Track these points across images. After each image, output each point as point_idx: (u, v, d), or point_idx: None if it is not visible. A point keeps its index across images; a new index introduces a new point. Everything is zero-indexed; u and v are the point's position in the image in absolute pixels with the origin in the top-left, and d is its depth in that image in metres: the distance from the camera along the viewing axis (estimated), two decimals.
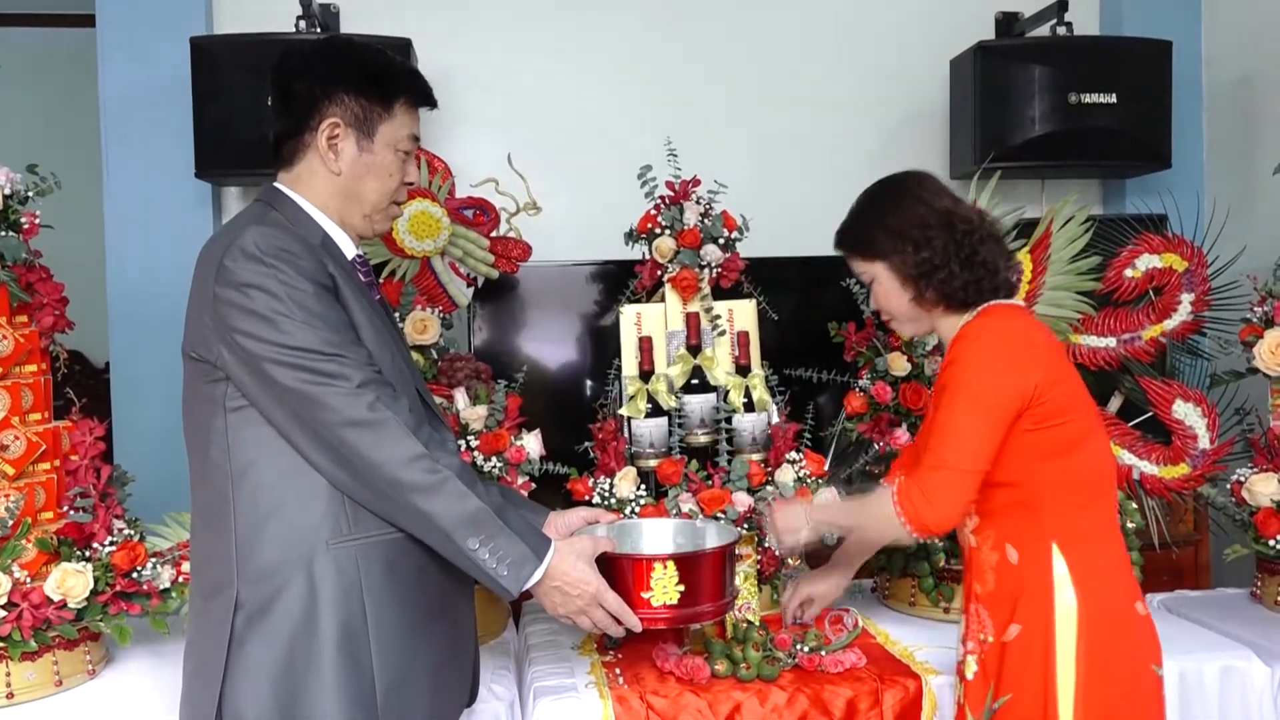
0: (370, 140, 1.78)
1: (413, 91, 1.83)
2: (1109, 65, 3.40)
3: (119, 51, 3.34)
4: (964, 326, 1.91)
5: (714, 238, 2.55)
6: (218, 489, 1.68)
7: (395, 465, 1.62)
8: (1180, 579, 3.30)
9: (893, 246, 1.92)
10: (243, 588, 1.65)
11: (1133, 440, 2.60)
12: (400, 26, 3.25)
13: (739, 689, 2.08)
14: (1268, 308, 2.57)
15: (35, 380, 2.24)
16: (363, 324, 1.72)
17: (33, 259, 2.24)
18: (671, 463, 2.43)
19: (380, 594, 1.67)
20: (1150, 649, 1.85)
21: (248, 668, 1.63)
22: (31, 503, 2.17)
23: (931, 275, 1.90)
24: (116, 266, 3.37)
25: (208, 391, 1.69)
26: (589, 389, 3.19)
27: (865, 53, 3.71)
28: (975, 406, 1.81)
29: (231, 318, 1.63)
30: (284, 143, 1.80)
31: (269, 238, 1.66)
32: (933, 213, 1.91)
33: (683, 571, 1.87)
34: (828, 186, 3.66)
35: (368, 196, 1.80)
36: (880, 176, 2.02)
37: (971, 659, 1.92)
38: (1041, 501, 1.84)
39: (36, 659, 2.13)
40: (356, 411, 1.61)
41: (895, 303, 1.97)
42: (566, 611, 1.77)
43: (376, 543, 1.68)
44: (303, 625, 1.64)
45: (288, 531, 1.65)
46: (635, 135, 3.30)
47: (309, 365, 1.61)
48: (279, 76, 1.80)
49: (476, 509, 1.65)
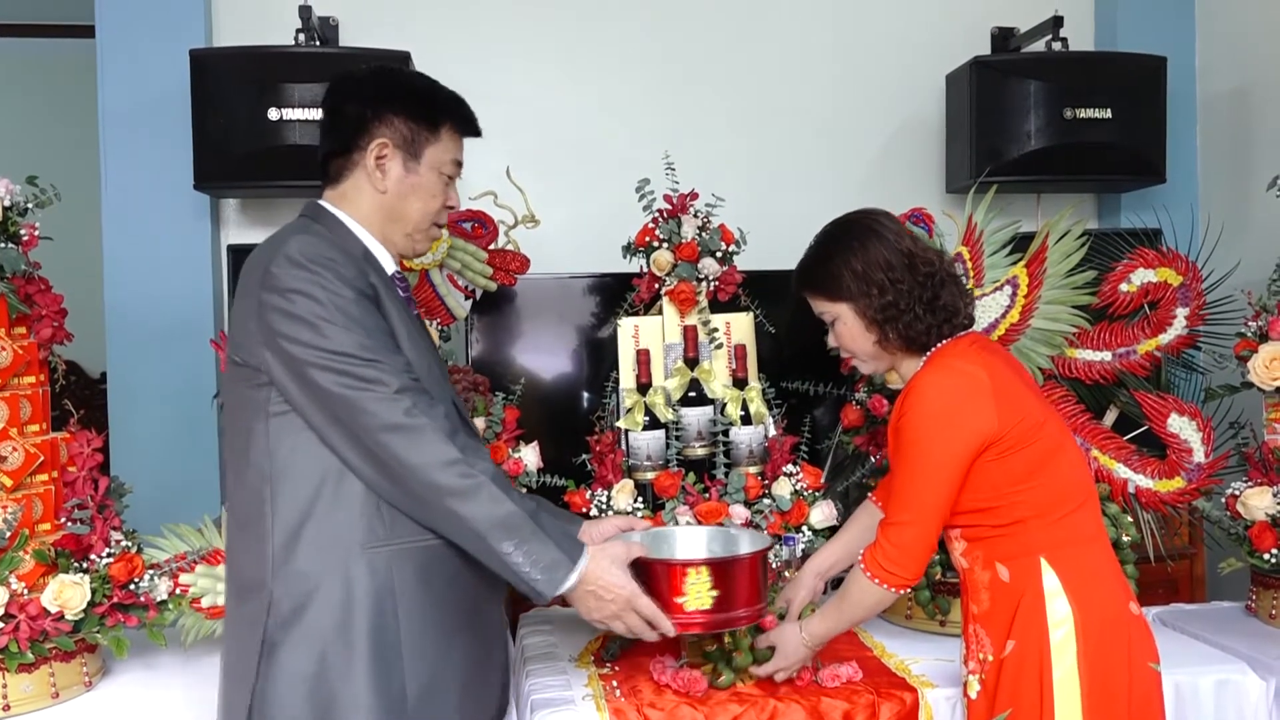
0: (416, 161, 1.84)
1: (459, 118, 1.90)
2: (1104, 80, 3.42)
3: (118, 62, 3.35)
4: (912, 379, 1.93)
5: (712, 251, 2.56)
6: (255, 492, 1.71)
7: (431, 469, 1.65)
8: (1175, 592, 3.31)
9: (859, 289, 1.92)
10: (277, 590, 1.67)
11: (1128, 454, 2.60)
12: (399, 39, 3.26)
13: (736, 702, 2.08)
14: (1262, 322, 2.58)
15: (34, 391, 2.24)
16: (401, 334, 1.76)
17: (32, 270, 2.24)
18: (669, 475, 2.44)
19: (413, 599, 1.69)
20: (1147, 647, 1.88)
21: (281, 671, 1.65)
22: (29, 514, 2.17)
23: (897, 320, 1.91)
24: (114, 278, 3.37)
25: (250, 396, 1.72)
26: (586, 401, 3.19)
27: (862, 67, 3.73)
28: (926, 464, 1.85)
29: (276, 322, 1.67)
30: (332, 160, 1.86)
31: (313, 246, 1.71)
32: (897, 254, 1.92)
33: (716, 577, 1.89)
34: (825, 200, 3.67)
35: (410, 216, 1.86)
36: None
37: (974, 679, 1.93)
38: (1023, 519, 1.86)
39: (33, 671, 2.13)
40: (394, 416, 1.64)
41: (858, 344, 1.99)
42: (601, 616, 1.79)
43: (410, 549, 1.70)
44: (336, 629, 1.66)
45: (323, 536, 1.68)
46: (633, 148, 3.31)
47: (348, 369, 1.65)
48: (332, 98, 1.87)
49: (511, 513, 1.67)
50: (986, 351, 1.95)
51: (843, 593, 2.01)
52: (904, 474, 1.89)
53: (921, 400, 1.87)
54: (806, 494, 2.46)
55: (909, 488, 1.88)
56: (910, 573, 1.89)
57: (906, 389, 1.92)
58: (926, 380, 1.89)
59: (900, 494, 1.89)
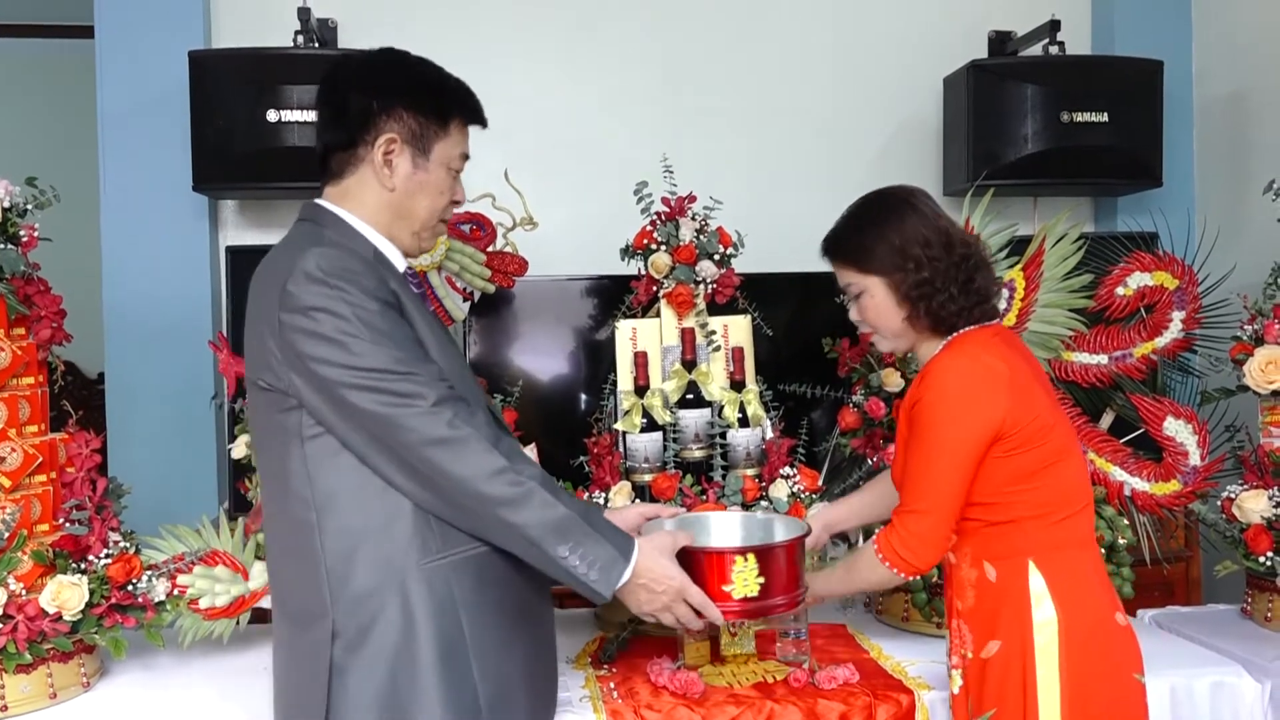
0: (425, 158, 1.77)
1: (467, 110, 1.83)
2: (1101, 84, 3.43)
3: (117, 63, 3.35)
4: (930, 362, 1.90)
5: (709, 253, 2.57)
6: (300, 519, 1.66)
7: (480, 480, 1.60)
8: (1171, 595, 3.32)
9: (894, 263, 1.88)
10: (339, 616, 1.63)
11: (1124, 457, 2.61)
12: (397, 40, 3.18)
13: (733, 703, 2.08)
14: (1258, 325, 2.59)
15: (32, 392, 2.24)
16: (428, 339, 1.71)
17: (31, 271, 2.24)
18: (666, 477, 2.44)
19: (474, 607, 1.66)
20: (1132, 657, 1.86)
21: (351, 696, 1.62)
22: (27, 515, 2.17)
23: (931, 297, 1.87)
24: (112, 278, 3.37)
25: (281, 421, 1.66)
26: (584, 403, 3.20)
27: (860, 70, 3.74)
28: (942, 451, 1.82)
29: (301, 344, 1.60)
30: (334, 154, 1.78)
31: (331, 259, 1.63)
32: (935, 231, 1.88)
33: (762, 564, 1.86)
34: (822, 203, 3.69)
35: (418, 214, 1.80)
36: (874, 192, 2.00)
37: (956, 674, 1.94)
38: (1017, 520, 1.84)
39: (31, 671, 2.13)
40: (437, 430, 1.59)
41: (884, 319, 1.94)
42: (651, 609, 1.75)
43: (466, 558, 1.67)
44: (402, 647, 1.62)
45: (379, 556, 1.64)
46: (631, 151, 3.32)
47: (383, 386, 1.59)
48: (332, 88, 1.79)
49: (564, 516, 1.63)
50: (1008, 346, 1.91)
51: (852, 563, 1.98)
52: (919, 460, 1.85)
53: (937, 384, 1.84)
54: (804, 496, 2.46)
55: (925, 475, 1.84)
56: (924, 561, 1.86)
57: (923, 372, 1.88)
58: (944, 364, 1.86)
59: (916, 481, 1.86)
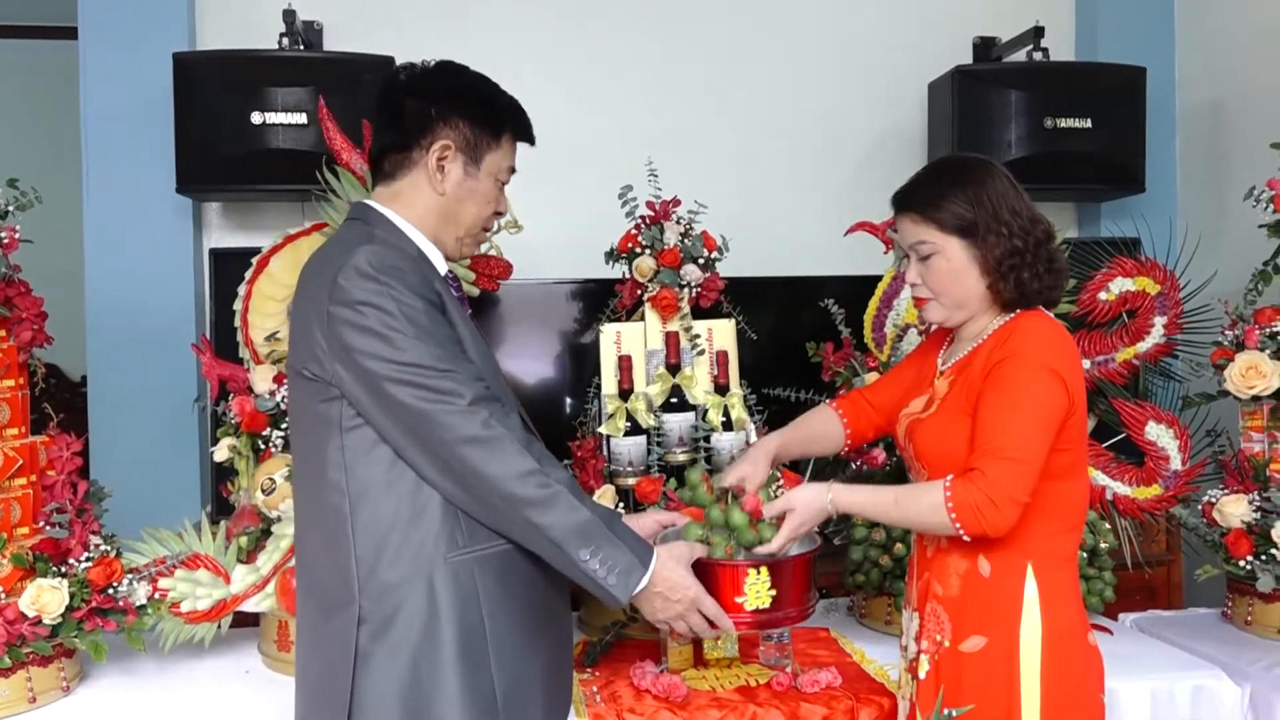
0: (476, 166, 1.83)
1: (519, 126, 1.89)
2: (1084, 90, 3.45)
3: (101, 65, 3.34)
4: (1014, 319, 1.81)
5: (694, 257, 2.57)
6: (334, 509, 1.70)
7: (509, 480, 1.65)
8: (1153, 598, 3.34)
9: (986, 226, 1.77)
10: (365, 604, 1.67)
11: (1106, 461, 2.62)
12: (383, 44, 3.26)
13: (715, 707, 2.09)
14: (1239, 331, 2.60)
15: (13, 395, 2.24)
16: (466, 340, 1.76)
17: (12, 273, 2.23)
18: (650, 481, 2.44)
19: (495, 602, 1.71)
20: (1099, 677, 1.84)
21: (375, 682, 1.66)
22: (7, 518, 2.16)
23: (1019, 269, 1.77)
24: (95, 280, 3.35)
25: (322, 411, 1.71)
26: (568, 407, 3.19)
27: (845, 75, 3.75)
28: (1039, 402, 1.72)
29: (348, 336, 1.65)
30: (388, 156, 1.83)
31: (381, 256, 1.69)
32: (1021, 202, 1.79)
33: (775, 577, 1.89)
34: (807, 208, 3.73)
35: (464, 220, 1.85)
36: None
37: (925, 659, 1.88)
38: (1026, 521, 1.75)
39: (10, 675, 2.12)
40: (472, 429, 1.64)
41: (956, 285, 1.82)
42: (665, 617, 1.80)
43: (490, 554, 1.71)
44: (425, 636, 1.67)
45: (408, 547, 1.68)
46: (617, 155, 3.32)
47: (423, 382, 1.64)
48: (393, 92, 1.84)
49: (587, 521, 1.68)
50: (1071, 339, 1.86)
51: (908, 496, 1.81)
52: (1007, 410, 1.71)
53: (1036, 339, 1.74)
54: None
55: (1016, 422, 1.69)
56: (1004, 522, 1.70)
57: (1009, 328, 1.79)
58: (1037, 324, 1.78)
59: (1006, 427, 1.70)
